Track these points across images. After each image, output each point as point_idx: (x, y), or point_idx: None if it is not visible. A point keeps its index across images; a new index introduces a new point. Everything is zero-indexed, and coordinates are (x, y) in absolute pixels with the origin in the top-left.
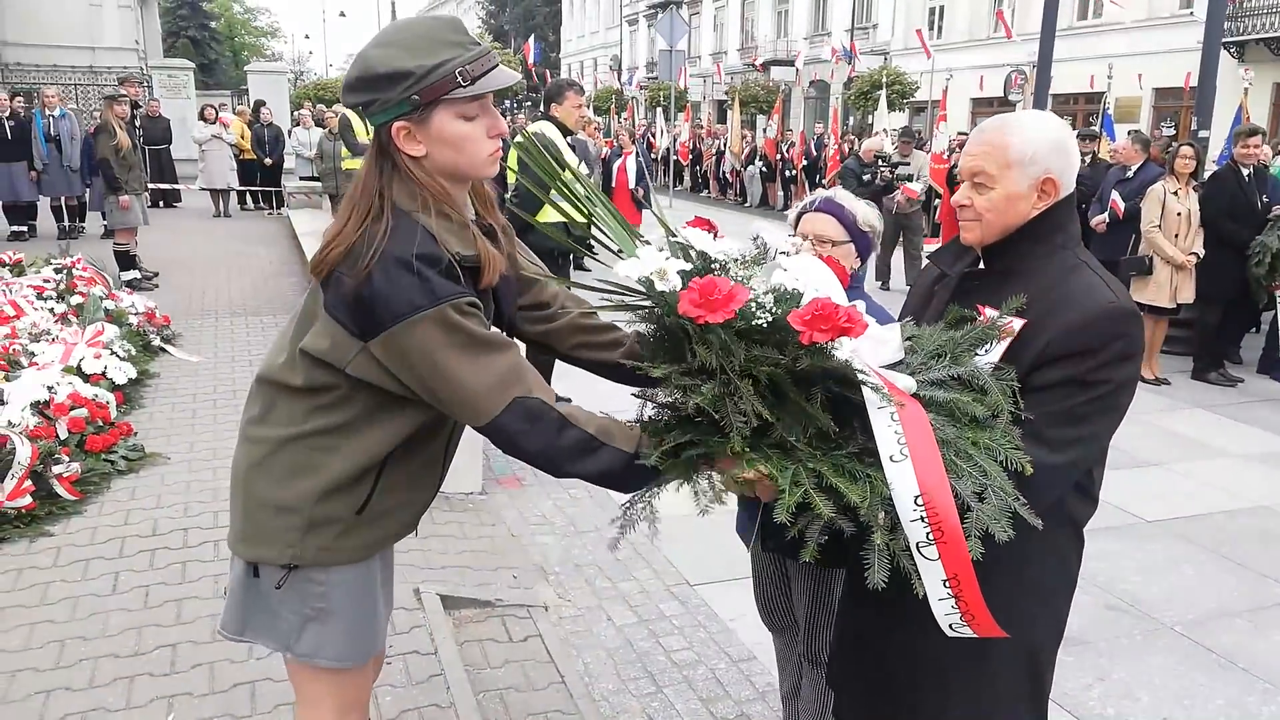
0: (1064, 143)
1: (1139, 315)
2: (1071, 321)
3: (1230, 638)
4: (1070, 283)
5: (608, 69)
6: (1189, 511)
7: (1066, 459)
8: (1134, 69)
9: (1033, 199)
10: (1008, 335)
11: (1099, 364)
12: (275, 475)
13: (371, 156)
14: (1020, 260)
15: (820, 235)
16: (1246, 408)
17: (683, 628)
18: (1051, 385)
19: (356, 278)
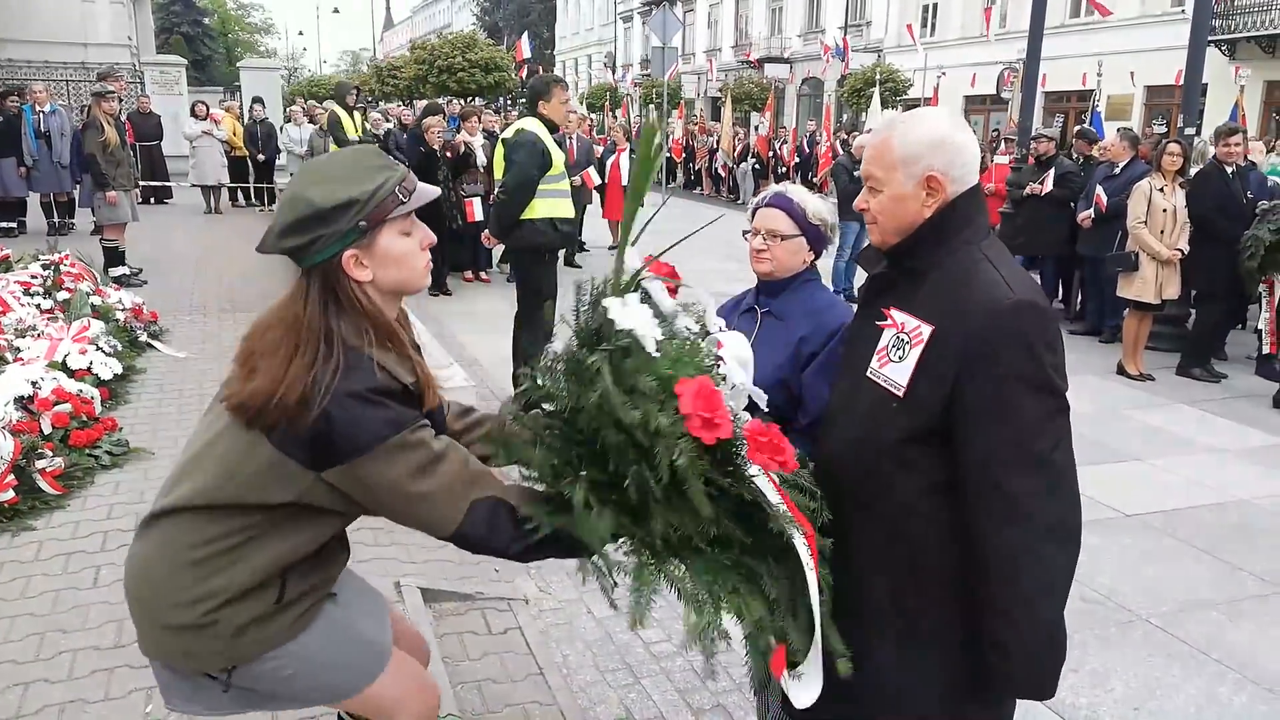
0: (946, 139)
1: (1039, 306)
2: (973, 325)
3: (1204, 629)
4: (971, 282)
5: (602, 66)
6: (1168, 506)
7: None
8: (1126, 66)
9: (921, 198)
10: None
11: (1013, 362)
12: (182, 600)
13: (314, 296)
14: (923, 259)
15: (771, 230)
16: (1228, 403)
17: (663, 620)
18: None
19: (311, 419)
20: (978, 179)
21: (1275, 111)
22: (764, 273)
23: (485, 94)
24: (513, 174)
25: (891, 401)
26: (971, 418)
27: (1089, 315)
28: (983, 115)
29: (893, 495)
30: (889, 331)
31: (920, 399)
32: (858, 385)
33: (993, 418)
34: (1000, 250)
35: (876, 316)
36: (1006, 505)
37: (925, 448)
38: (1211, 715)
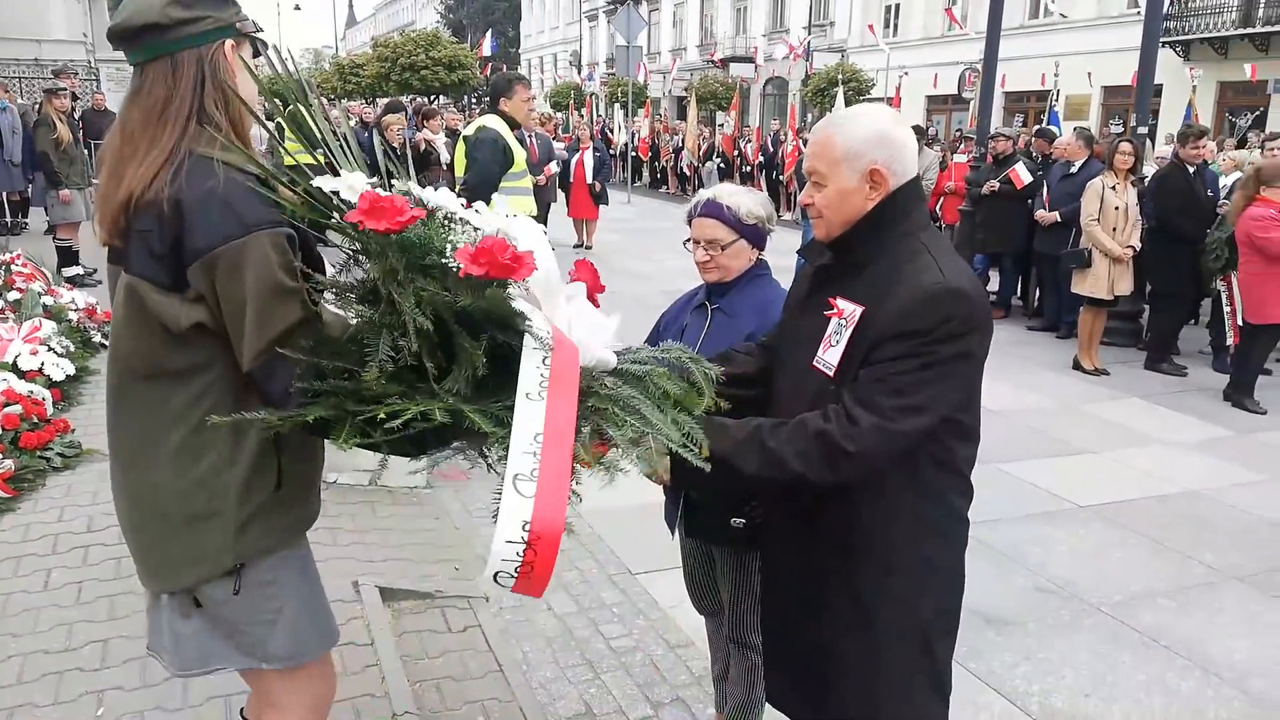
0: (887, 133)
1: (967, 293)
2: (902, 303)
3: (1154, 617)
4: (907, 268)
5: (568, 64)
6: (1121, 497)
7: (891, 425)
8: (1084, 67)
9: (865, 191)
10: (837, 316)
11: (926, 340)
12: (182, 490)
13: (187, 75)
14: (866, 249)
15: (710, 239)
16: (1181, 397)
17: (622, 615)
18: (882, 360)
19: (168, 208)
20: (916, 172)
21: (1228, 112)
22: (712, 280)
23: (449, 92)
24: (474, 171)
25: (829, 385)
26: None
27: (1046, 312)
28: (945, 115)
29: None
30: (834, 320)
31: (848, 376)
32: (804, 374)
33: (881, 371)
34: (939, 240)
35: (823, 307)
36: None
37: None
38: (1160, 701)
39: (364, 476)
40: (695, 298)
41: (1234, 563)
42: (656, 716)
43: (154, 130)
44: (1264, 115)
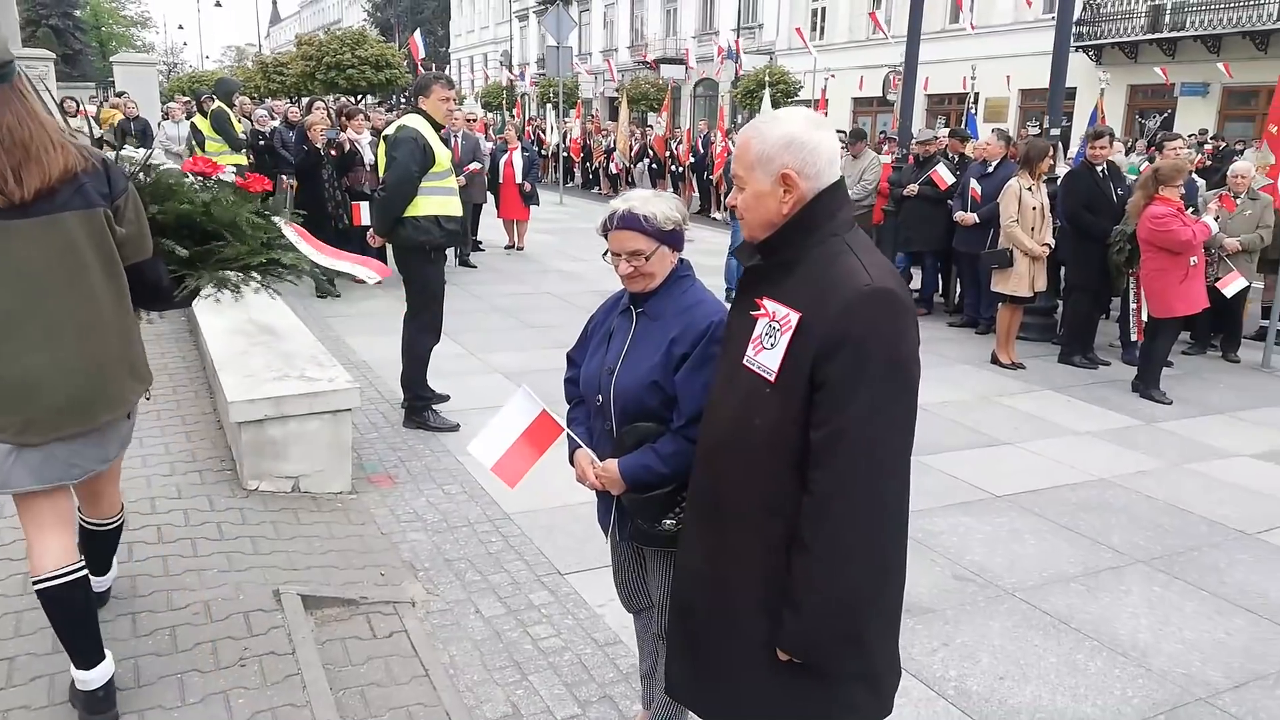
0: (797, 138)
1: (895, 293)
2: (832, 309)
3: (1065, 600)
4: (832, 271)
5: (499, 64)
6: (1035, 486)
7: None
8: (1002, 71)
9: (779, 194)
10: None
11: (862, 346)
12: (131, 350)
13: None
14: (791, 251)
15: (633, 250)
16: (1092, 388)
17: (551, 616)
18: (830, 381)
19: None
20: (838, 175)
21: (1138, 114)
22: (638, 290)
23: (376, 91)
24: (392, 171)
25: (765, 387)
26: (824, 395)
27: (967, 308)
28: (871, 117)
29: (770, 482)
30: (762, 321)
31: (789, 383)
32: (735, 374)
33: (843, 395)
34: (863, 241)
35: (751, 307)
36: (842, 481)
37: (799, 431)
38: (1069, 681)
39: (286, 484)
40: (620, 302)
41: (1139, 546)
42: (584, 715)
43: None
44: (1171, 117)
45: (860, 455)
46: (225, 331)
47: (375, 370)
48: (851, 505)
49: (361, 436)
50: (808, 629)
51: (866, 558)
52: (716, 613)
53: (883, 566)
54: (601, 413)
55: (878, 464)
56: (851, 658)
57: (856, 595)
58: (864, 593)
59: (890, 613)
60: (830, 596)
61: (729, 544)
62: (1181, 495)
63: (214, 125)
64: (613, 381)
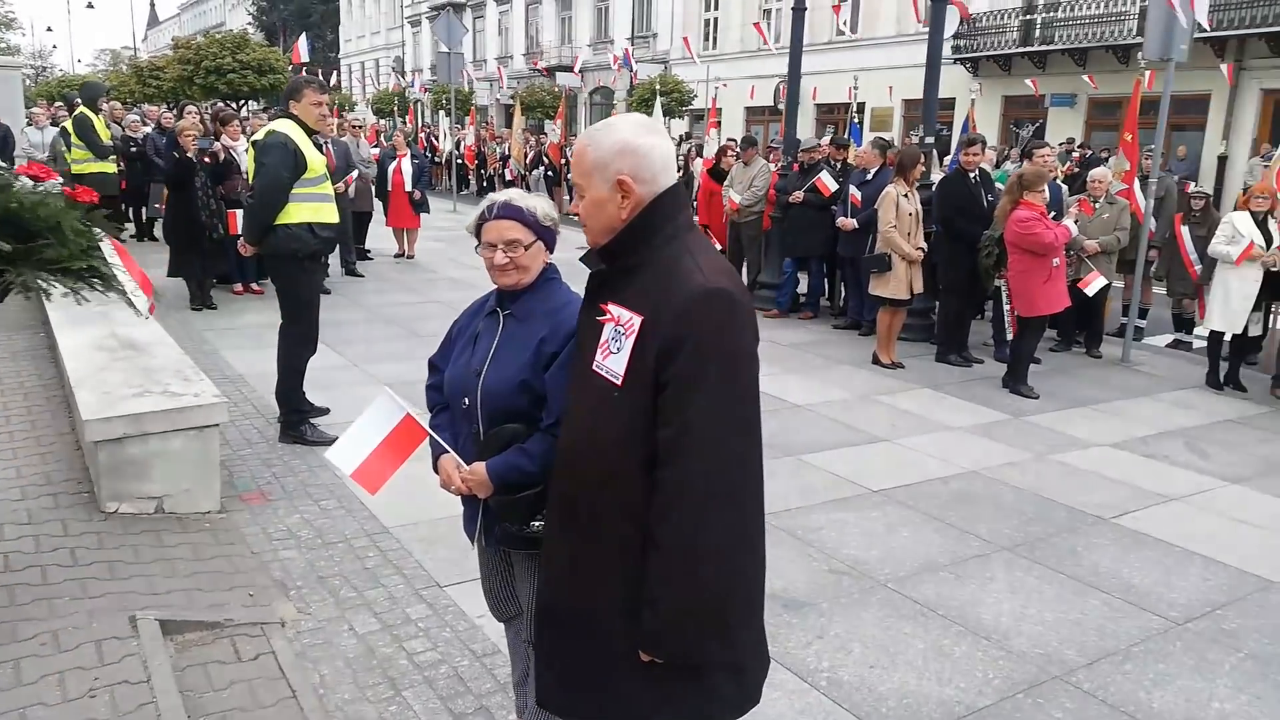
0: (629, 143)
1: (730, 292)
2: (670, 311)
3: (934, 589)
4: (671, 274)
5: (391, 70)
6: (909, 480)
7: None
8: (886, 81)
9: (616, 200)
10: (610, 322)
11: (700, 346)
12: None
13: None
14: (632, 255)
15: (511, 240)
16: (966, 386)
17: (428, 630)
18: (673, 381)
19: None
20: (674, 178)
21: (1013, 123)
22: (510, 284)
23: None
24: (261, 177)
25: (613, 391)
26: (668, 395)
27: (850, 311)
28: (763, 125)
29: (624, 485)
30: (608, 325)
31: (635, 386)
32: (586, 380)
33: (685, 394)
34: (701, 242)
35: (597, 313)
36: (687, 477)
37: (648, 433)
38: (935, 666)
39: (149, 505)
40: (486, 305)
41: (1004, 534)
42: None
43: None
44: (1043, 126)
45: (705, 452)
46: (85, 347)
47: (251, 384)
48: (699, 501)
49: (234, 453)
50: (665, 627)
51: (718, 552)
52: (580, 617)
53: (736, 559)
54: (468, 416)
55: (723, 459)
56: (715, 651)
57: (711, 589)
58: (718, 586)
59: (751, 603)
60: (684, 593)
61: (588, 547)
62: (1044, 484)
63: (76, 131)
64: (480, 383)
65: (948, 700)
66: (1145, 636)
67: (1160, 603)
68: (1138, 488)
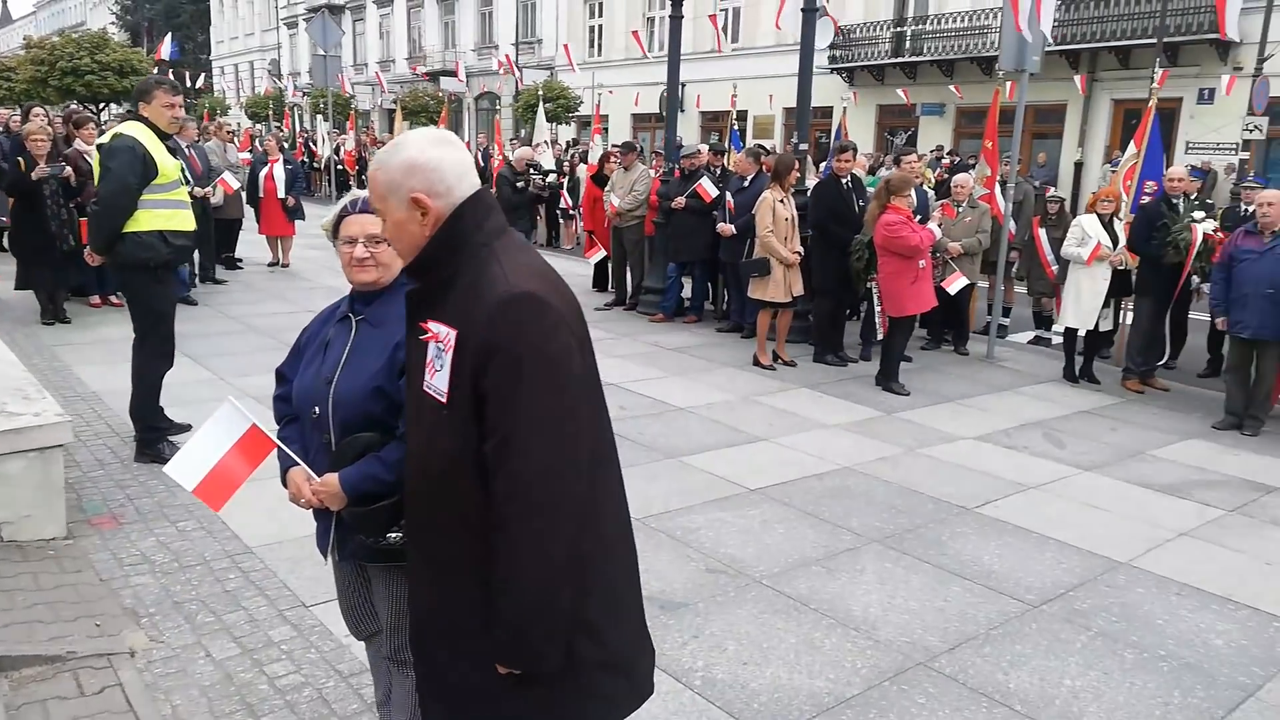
0: (417, 160)
1: (535, 295)
2: (479, 321)
3: (806, 583)
4: (479, 283)
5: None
6: (786, 478)
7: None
8: (766, 90)
9: (417, 218)
10: (433, 340)
11: (510, 353)
12: None
13: None
14: (443, 270)
15: (373, 235)
16: (841, 384)
17: (292, 652)
18: (491, 392)
19: None
20: (475, 187)
21: (887, 132)
22: (369, 281)
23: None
24: (107, 183)
25: (442, 410)
26: (489, 407)
27: (732, 314)
28: (649, 132)
29: (465, 501)
30: (432, 344)
31: (460, 401)
32: (419, 401)
33: (503, 404)
34: (512, 247)
35: (419, 332)
36: (515, 484)
37: (479, 447)
38: (806, 659)
39: None
40: (337, 311)
41: (875, 527)
42: None
43: None
44: (915, 134)
45: (530, 460)
46: None
47: (105, 401)
48: (530, 508)
49: (84, 475)
50: (509, 638)
51: (553, 556)
52: (446, 639)
53: (578, 559)
54: (319, 425)
55: (549, 465)
56: (587, 651)
57: (554, 595)
58: (561, 591)
59: (615, 602)
60: (523, 603)
61: (443, 562)
62: (913, 477)
63: None
64: (331, 391)
65: (817, 692)
66: (1003, 620)
67: (1018, 587)
68: (999, 478)
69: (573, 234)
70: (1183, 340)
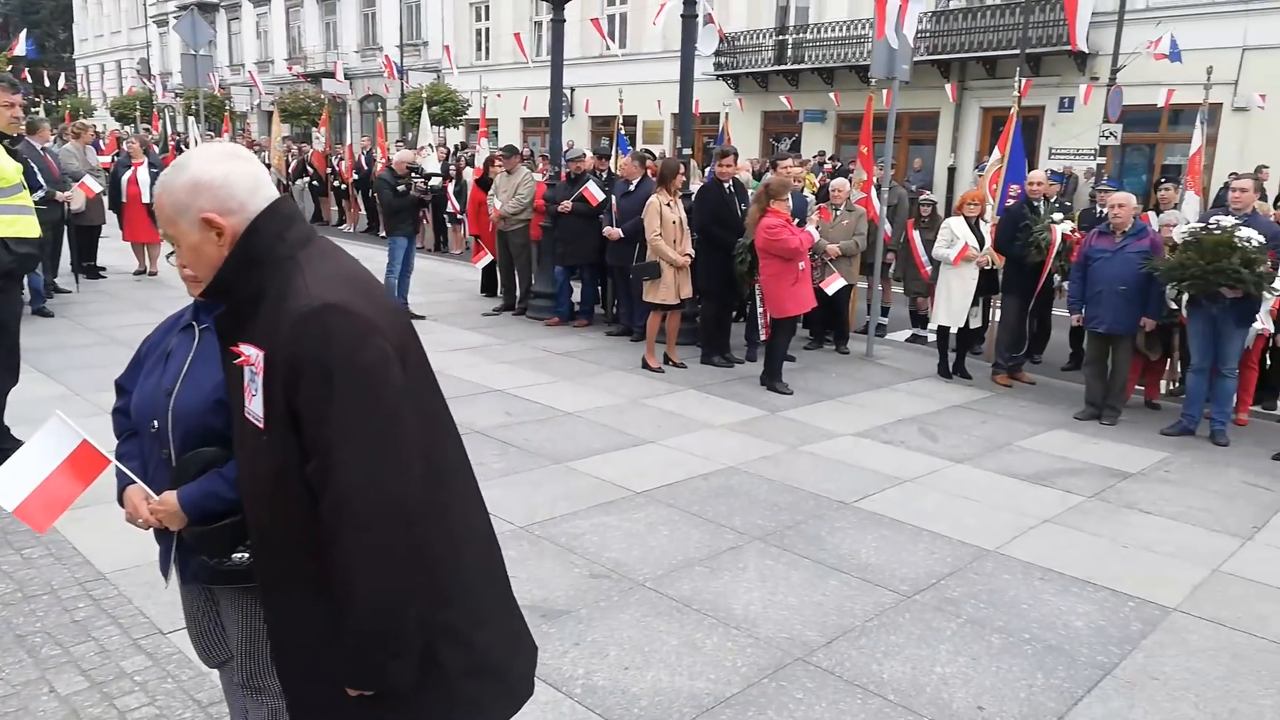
0: (201, 179)
1: (336, 305)
2: (283, 337)
3: (690, 584)
4: (282, 297)
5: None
6: (671, 479)
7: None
8: (655, 96)
9: (212, 239)
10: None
11: (317, 367)
12: None
13: None
14: (246, 288)
15: None
16: (728, 385)
17: (146, 683)
18: (304, 410)
19: None
20: (270, 199)
21: (772, 138)
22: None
23: None
24: None
25: (262, 435)
26: (305, 425)
27: (621, 318)
28: (540, 135)
29: (297, 526)
30: (246, 368)
31: (277, 423)
32: (243, 428)
33: (319, 420)
34: (318, 256)
35: (232, 356)
36: (341, 501)
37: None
38: (688, 661)
39: None
40: (181, 319)
41: (757, 525)
42: None
43: None
44: (799, 140)
45: (352, 473)
46: None
47: None
48: (359, 524)
49: None
50: (356, 658)
51: (390, 571)
52: (303, 662)
53: (427, 568)
54: (159, 440)
55: (373, 477)
56: (452, 656)
57: (396, 610)
58: (404, 605)
59: (474, 603)
60: (366, 621)
61: (288, 591)
62: (795, 475)
63: None
64: (171, 403)
65: (698, 693)
66: (879, 611)
67: (893, 578)
68: (877, 472)
69: (461, 239)
70: (1047, 336)
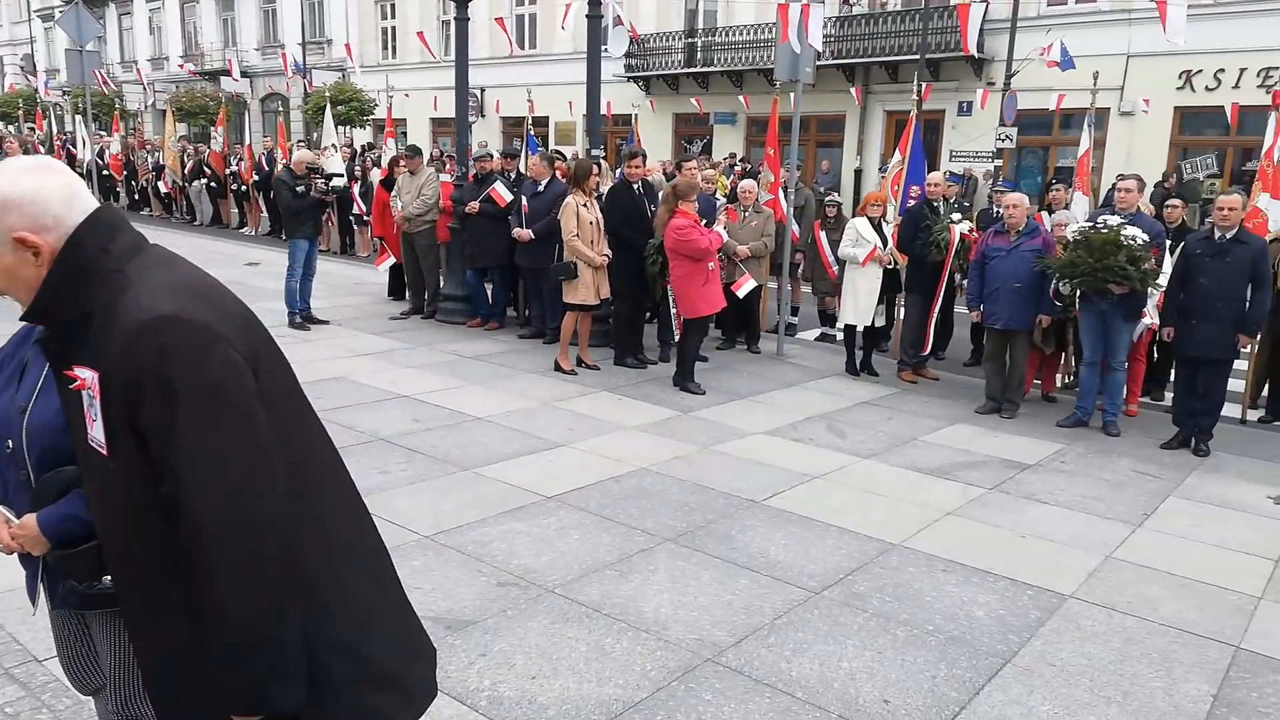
0: (9, 197)
1: (173, 316)
2: (117, 355)
3: (599, 589)
4: (112, 313)
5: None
6: (583, 483)
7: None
8: (566, 97)
9: (29, 259)
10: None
11: (155, 384)
12: None
13: None
14: (72, 308)
15: None
16: (640, 386)
17: (18, 714)
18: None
19: None
20: (88, 208)
21: (684, 140)
22: None
23: None
24: None
25: (108, 463)
26: (152, 447)
27: (534, 320)
28: (450, 136)
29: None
30: (84, 392)
31: (121, 448)
32: (88, 457)
33: (165, 440)
34: (150, 264)
35: (68, 380)
36: (198, 523)
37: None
38: (596, 667)
39: None
40: (34, 331)
41: (668, 526)
42: None
43: None
44: (710, 142)
45: (207, 492)
46: None
47: None
48: (220, 545)
49: None
50: (233, 682)
51: (256, 590)
52: (181, 691)
53: (303, 582)
54: (15, 460)
55: (230, 493)
56: (344, 669)
57: (266, 630)
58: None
59: (361, 611)
60: (237, 645)
61: (156, 619)
62: (706, 474)
63: None
64: (25, 420)
65: (607, 699)
66: (788, 609)
67: (801, 575)
68: (787, 470)
69: (368, 241)
70: (949, 333)
